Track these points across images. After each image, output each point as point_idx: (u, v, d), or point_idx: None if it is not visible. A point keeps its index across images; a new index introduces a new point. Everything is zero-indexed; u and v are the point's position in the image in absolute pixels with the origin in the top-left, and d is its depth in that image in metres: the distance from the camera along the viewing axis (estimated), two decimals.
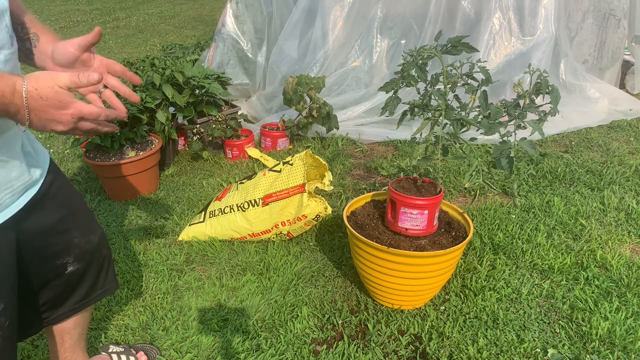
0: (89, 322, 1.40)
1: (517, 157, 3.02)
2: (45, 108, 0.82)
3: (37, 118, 0.83)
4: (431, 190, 1.72)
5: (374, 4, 3.69)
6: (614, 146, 3.26)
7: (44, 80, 0.81)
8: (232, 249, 2.17)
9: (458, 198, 2.64)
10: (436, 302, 1.82)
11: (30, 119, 0.82)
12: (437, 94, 1.57)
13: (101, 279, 1.29)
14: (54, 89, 0.82)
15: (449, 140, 1.60)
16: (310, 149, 2.34)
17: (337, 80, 3.72)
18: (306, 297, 1.84)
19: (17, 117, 0.82)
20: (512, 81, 3.60)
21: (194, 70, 2.94)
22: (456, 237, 1.73)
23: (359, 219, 1.81)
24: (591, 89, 4.02)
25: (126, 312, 1.77)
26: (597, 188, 2.67)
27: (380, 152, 3.27)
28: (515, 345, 1.60)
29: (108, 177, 2.57)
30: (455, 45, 1.56)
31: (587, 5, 4.16)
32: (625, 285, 1.89)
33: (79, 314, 1.28)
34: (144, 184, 2.63)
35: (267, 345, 1.60)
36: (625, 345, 1.60)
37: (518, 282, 1.91)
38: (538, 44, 3.67)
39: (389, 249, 1.58)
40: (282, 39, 3.76)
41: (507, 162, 1.57)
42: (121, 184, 2.56)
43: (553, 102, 1.53)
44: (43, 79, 0.82)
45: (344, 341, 1.63)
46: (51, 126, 0.84)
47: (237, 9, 3.98)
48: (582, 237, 2.21)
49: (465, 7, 3.67)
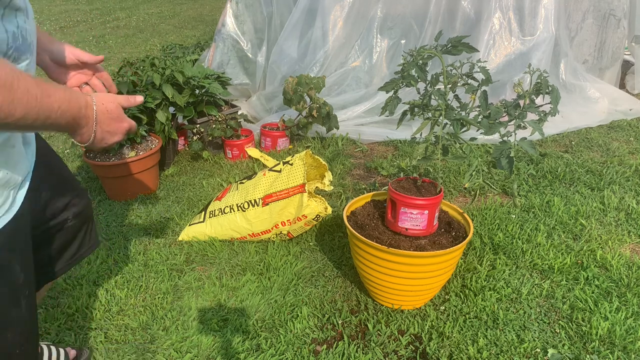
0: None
1: (517, 157, 3.02)
2: (109, 121, 0.96)
3: (101, 130, 0.94)
4: (431, 190, 1.72)
5: (374, 4, 3.69)
6: (614, 146, 3.26)
7: (107, 97, 0.96)
8: (232, 249, 2.17)
9: (458, 198, 2.64)
10: (436, 302, 1.82)
11: (96, 132, 0.93)
12: (437, 94, 1.57)
13: (87, 236, 1.40)
14: (115, 104, 0.97)
15: (449, 140, 1.60)
16: (310, 149, 2.34)
17: (337, 80, 3.72)
18: (306, 297, 1.84)
19: (82, 130, 0.90)
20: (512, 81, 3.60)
21: (194, 70, 2.94)
22: (456, 237, 1.73)
23: (359, 219, 1.81)
24: (591, 89, 4.02)
25: (126, 312, 1.77)
26: (597, 188, 2.67)
27: (380, 152, 3.27)
28: (515, 345, 1.60)
29: (108, 177, 2.57)
30: (455, 45, 1.56)
31: (587, 5, 4.16)
32: (625, 285, 1.89)
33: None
34: (144, 184, 2.63)
35: (267, 345, 1.60)
36: (625, 345, 1.60)
37: (518, 282, 1.91)
38: (538, 44, 3.67)
39: (389, 249, 1.58)
40: (282, 39, 3.76)
41: (507, 162, 1.57)
42: (121, 184, 2.57)
43: (553, 102, 1.53)
44: (106, 96, 0.96)
45: (344, 341, 1.63)
46: (108, 139, 0.97)
47: (237, 9, 3.98)
48: (582, 237, 2.21)
49: (465, 7, 3.67)
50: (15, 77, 0.75)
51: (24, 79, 0.76)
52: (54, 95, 0.80)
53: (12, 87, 0.73)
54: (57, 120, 0.82)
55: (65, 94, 0.84)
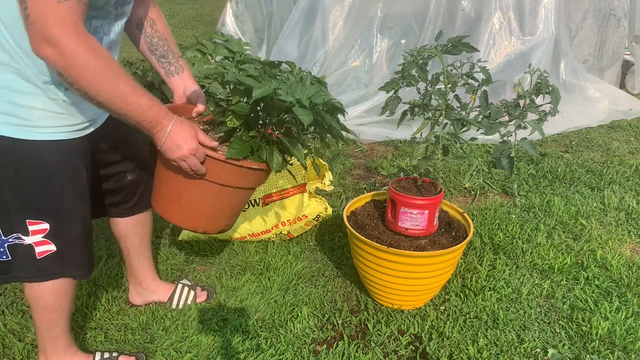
0: (148, 235, 1.71)
1: (518, 157, 3.02)
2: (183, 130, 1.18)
3: (171, 137, 1.17)
4: (431, 190, 1.72)
5: (374, 4, 3.68)
6: (614, 146, 3.26)
7: (188, 121, 1.22)
8: (232, 248, 2.16)
9: (458, 198, 2.64)
10: (436, 302, 1.81)
11: (165, 138, 1.17)
12: (438, 94, 1.57)
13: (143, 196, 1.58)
14: (192, 126, 1.21)
15: (449, 140, 1.60)
16: None
17: (337, 80, 3.71)
18: (306, 297, 1.84)
19: (154, 132, 1.16)
20: (513, 81, 3.60)
21: (194, 70, 2.94)
22: (456, 237, 1.73)
23: (359, 219, 1.81)
24: (591, 88, 4.02)
25: (126, 311, 1.77)
26: (597, 188, 2.67)
27: (380, 152, 3.27)
28: (515, 345, 1.60)
29: None
30: (455, 45, 1.56)
31: (587, 5, 4.16)
32: (625, 285, 1.89)
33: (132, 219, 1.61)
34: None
35: (267, 345, 1.60)
36: (625, 345, 1.59)
37: (518, 282, 1.91)
38: (538, 44, 3.67)
39: (389, 249, 1.58)
40: (282, 38, 3.76)
41: (507, 162, 1.57)
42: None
43: (553, 102, 1.53)
44: (188, 121, 1.22)
45: (344, 341, 1.63)
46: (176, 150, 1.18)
47: (237, 8, 3.98)
48: (582, 237, 2.21)
49: (465, 7, 3.67)
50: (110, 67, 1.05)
51: (123, 76, 1.07)
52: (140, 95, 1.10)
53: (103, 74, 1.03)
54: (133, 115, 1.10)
55: (149, 101, 1.12)
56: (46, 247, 1.24)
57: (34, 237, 1.23)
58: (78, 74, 1.01)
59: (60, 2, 0.96)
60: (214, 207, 1.36)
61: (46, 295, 1.32)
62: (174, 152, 1.18)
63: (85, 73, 1.01)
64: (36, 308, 1.34)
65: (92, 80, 1.03)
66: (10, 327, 1.68)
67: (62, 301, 1.35)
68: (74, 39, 0.99)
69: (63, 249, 1.27)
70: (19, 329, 1.67)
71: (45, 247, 1.24)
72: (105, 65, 1.04)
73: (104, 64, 1.04)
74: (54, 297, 1.33)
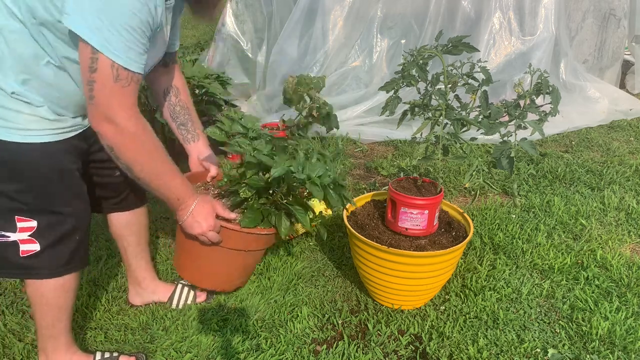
0: (145, 235, 1.72)
1: (518, 157, 3.02)
2: (203, 209, 1.34)
3: (193, 215, 1.33)
4: (431, 190, 1.72)
5: (374, 4, 3.68)
6: (614, 146, 3.26)
7: (209, 198, 1.38)
8: None
9: (458, 198, 2.64)
10: (436, 302, 1.81)
11: (187, 216, 1.32)
12: (438, 94, 1.57)
13: (136, 189, 1.59)
14: (212, 204, 1.37)
15: (449, 140, 1.60)
16: None
17: (337, 80, 3.72)
18: (306, 297, 1.84)
19: (178, 209, 1.33)
20: (513, 81, 3.60)
21: (194, 70, 2.94)
22: (456, 237, 1.73)
23: (359, 219, 1.81)
24: (591, 88, 4.02)
25: (126, 311, 1.77)
26: (597, 188, 2.67)
27: (380, 152, 3.27)
28: (515, 345, 1.60)
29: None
30: (456, 45, 1.56)
31: (587, 5, 4.16)
32: (625, 285, 1.89)
33: (126, 217, 1.63)
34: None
35: (267, 345, 1.60)
36: (625, 345, 1.59)
37: (518, 282, 1.91)
38: (538, 44, 3.67)
39: (389, 249, 1.58)
40: (282, 38, 3.76)
41: (507, 162, 1.57)
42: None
43: (553, 102, 1.53)
44: (209, 198, 1.38)
45: (344, 341, 1.63)
46: (195, 227, 1.34)
47: (237, 8, 3.98)
48: (582, 237, 2.21)
49: (465, 6, 3.67)
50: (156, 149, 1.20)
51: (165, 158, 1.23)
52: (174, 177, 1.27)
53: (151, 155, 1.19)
54: (163, 192, 1.26)
55: (180, 182, 1.28)
56: (30, 246, 1.25)
57: (20, 235, 1.23)
58: (129, 150, 1.15)
59: (124, 87, 1.09)
60: (229, 269, 1.51)
61: (48, 293, 1.32)
62: (194, 228, 1.34)
63: (136, 152, 1.16)
64: (38, 306, 1.34)
65: (140, 159, 1.17)
66: (10, 327, 1.68)
67: (65, 298, 1.36)
68: (133, 121, 1.13)
69: (46, 249, 1.27)
70: (19, 329, 1.67)
71: (29, 246, 1.25)
72: (155, 148, 1.20)
73: (154, 147, 1.19)
74: (57, 295, 1.33)
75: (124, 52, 1.08)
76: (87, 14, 1.04)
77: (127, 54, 1.08)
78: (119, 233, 1.67)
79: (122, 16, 1.05)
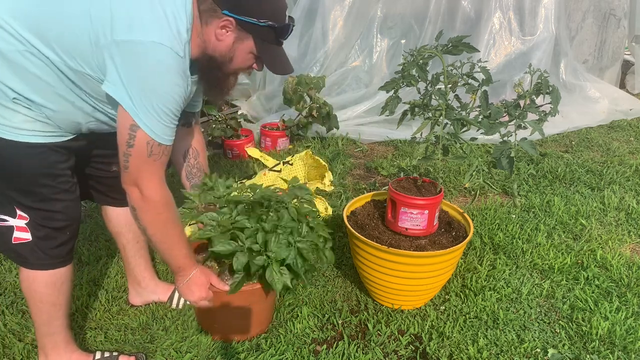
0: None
1: (518, 157, 3.02)
2: (198, 280, 1.42)
3: (188, 284, 1.41)
4: (431, 190, 1.72)
5: (374, 4, 3.69)
6: (614, 146, 3.26)
7: (207, 271, 1.46)
8: None
9: (458, 198, 2.64)
10: (436, 302, 1.81)
11: (184, 283, 1.40)
12: (438, 94, 1.57)
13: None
14: (208, 277, 1.44)
15: (449, 140, 1.60)
16: (310, 149, 2.34)
17: (337, 80, 3.72)
18: (306, 297, 1.84)
19: (178, 277, 1.41)
20: (513, 81, 3.60)
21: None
22: (456, 237, 1.73)
23: (359, 219, 1.81)
24: (591, 88, 4.03)
25: (126, 311, 1.77)
26: (597, 188, 2.67)
27: (380, 151, 3.27)
28: (515, 345, 1.60)
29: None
30: (456, 45, 1.56)
31: (587, 5, 4.16)
32: (625, 285, 1.89)
33: (124, 213, 1.62)
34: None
35: (267, 345, 1.60)
36: (625, 345, 1.59)
37: (518, 282, 1.91)
38: (538, 44, 3.67)
39: (389, 249, 1.58)
40: None
41: (507, 162, 1.57)
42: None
43: (553, 102, 1.53)
44: (207, 271, 1.46)
45: (344, 341, 1.63)
46: (188, 294, 1.42)
47: None
48: (582, 237, 2.21)
49: (465, 6, 3.67)
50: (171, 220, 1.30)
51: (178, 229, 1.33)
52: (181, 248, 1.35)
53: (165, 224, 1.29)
54: (167, 259, 1.36)
55: (186, 254, 1.37)
56: (23, 234, 1.30)
57: (18, 221, 1.28)
58: (148, 216, 1.26)
59: (155, 161, 1.21)
60: (242, 322, 1.59)
61: (41, 289, 1.35)
62: (187, 295, 1.42)
63: (152, 219, 1.27)
64: (32, 302, 1.37)
65: (155, 225, 1.28)
66: (10, 327, 1.68)
67: (58, 295, 1.38)
68: (157, 192, 1.24)
69: (37, 241, 1.31)
70: (19, 329, 1.67)
71: (22, 234, 1.30)
72: (170, 220, 1.29)
73: (170, 219, 1.29)
74: (49, 291, 1.36)
75: (161, 131, 1.18)
76: (134, 91, 1.12)
77: (164, 132, 1.19)
78: (118, 230, 1.68)
79: (165, 100, 1.16)
